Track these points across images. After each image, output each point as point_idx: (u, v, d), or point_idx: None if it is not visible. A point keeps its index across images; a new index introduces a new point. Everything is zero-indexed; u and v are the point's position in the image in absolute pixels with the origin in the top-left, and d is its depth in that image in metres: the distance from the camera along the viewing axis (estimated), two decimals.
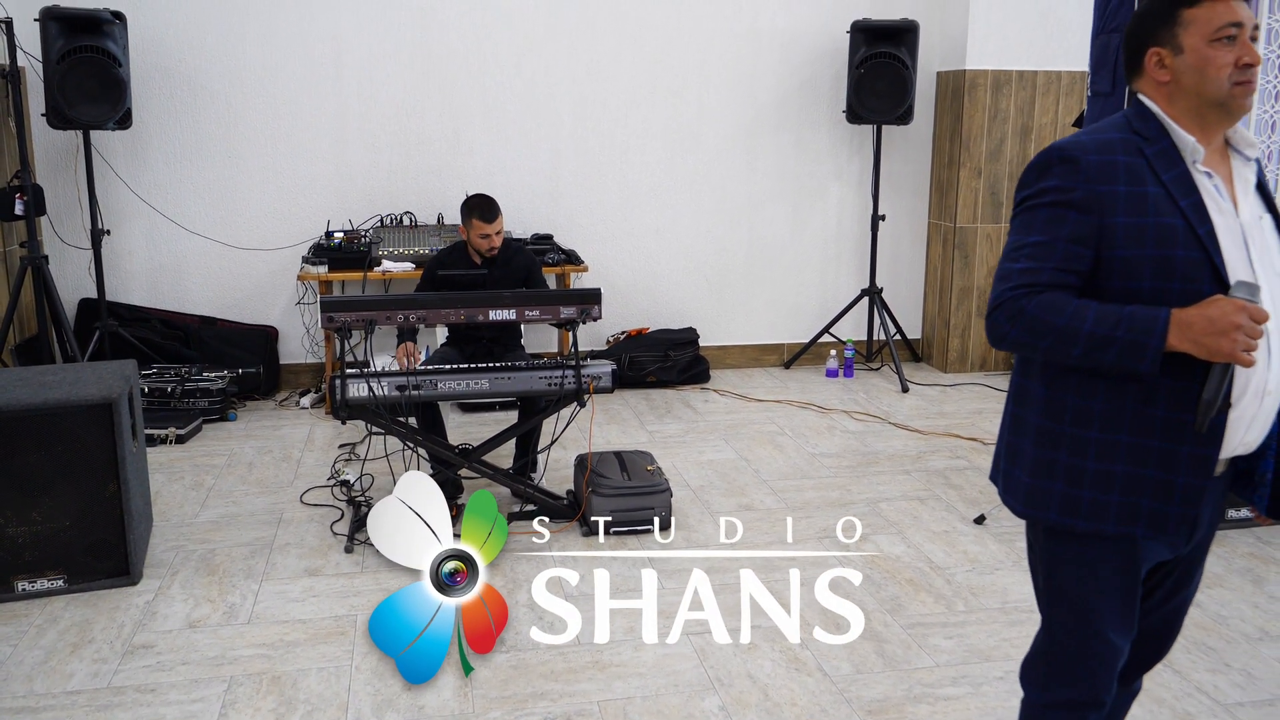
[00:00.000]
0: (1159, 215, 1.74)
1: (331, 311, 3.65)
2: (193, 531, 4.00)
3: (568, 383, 3.89)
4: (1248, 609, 3.41)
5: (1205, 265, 1.72)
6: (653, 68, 6.13)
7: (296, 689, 2.92)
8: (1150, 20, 1.83)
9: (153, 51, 5.54)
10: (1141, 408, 1.77)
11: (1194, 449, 1.75)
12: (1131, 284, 1.74)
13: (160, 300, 5.83)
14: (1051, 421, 1.85)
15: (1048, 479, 1.86)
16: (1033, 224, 1.79)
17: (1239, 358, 1.65)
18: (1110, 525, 1.82)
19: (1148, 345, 1.68)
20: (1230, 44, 1.75)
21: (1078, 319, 1.71)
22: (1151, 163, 1.77)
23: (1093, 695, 1.95)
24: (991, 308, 1.81)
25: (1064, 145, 1.80)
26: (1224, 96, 1.76)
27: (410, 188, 5.93)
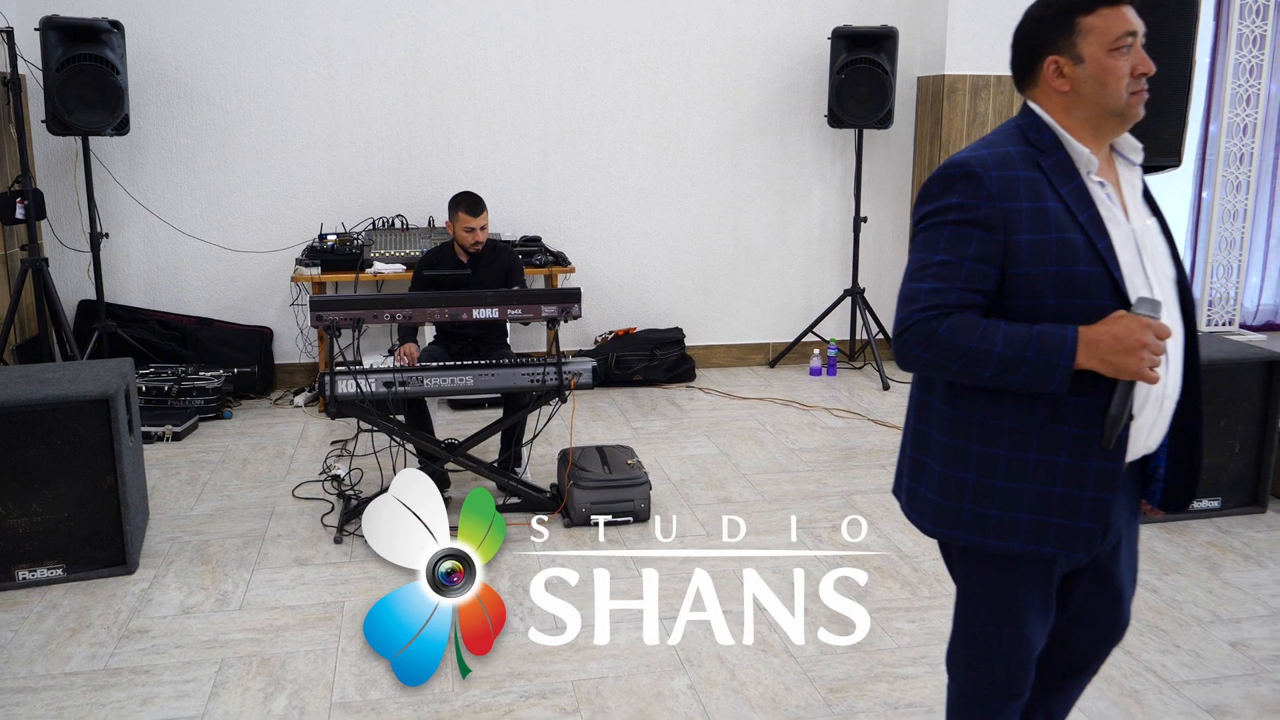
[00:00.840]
0: (1060, 231, 1.73)
1: (320, 310, 3.79)
2: (188, 524, 4.13)
3: (549, 379, 4.02)
4: (1202, 594, 3.54)
5: (1106, 280, 1.73)
6: (639, 73, 6.27)
7: (285, 670, 3.05)
8: (1046, 28, 1.80)
9: (150, 60, 5.69)
10: (1049, 424, 1.77)
11: (1101, 463, 1.77)
12: (1036, 302, 1.74)
13: (158, 302, 5.98)
14: (958, 440, 1.84)
15: (956, 499, 1.85)
16: (937, 242, 1.76)
17: (1146, 375, 1.67)
18: (1020, 544, 1.82)
19: (1057, 366, 1.68)
20: (1127, 53, 1.76)
21: (987, 341, 1.70)
22: (1049, 176, 1.76)
23: (1012, 688, 2.00)
24: (899, 330, 1.78)
25: (966, 161, 1.77)
26: (1122, 107, 1.78)
27: (401, 191, 6.08)
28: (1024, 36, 1.85)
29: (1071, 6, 1.78)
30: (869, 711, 2.86)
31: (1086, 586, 2.01)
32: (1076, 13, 1.77)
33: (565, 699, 2.91)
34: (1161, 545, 3.94)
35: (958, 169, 1.77)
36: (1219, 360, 4.11)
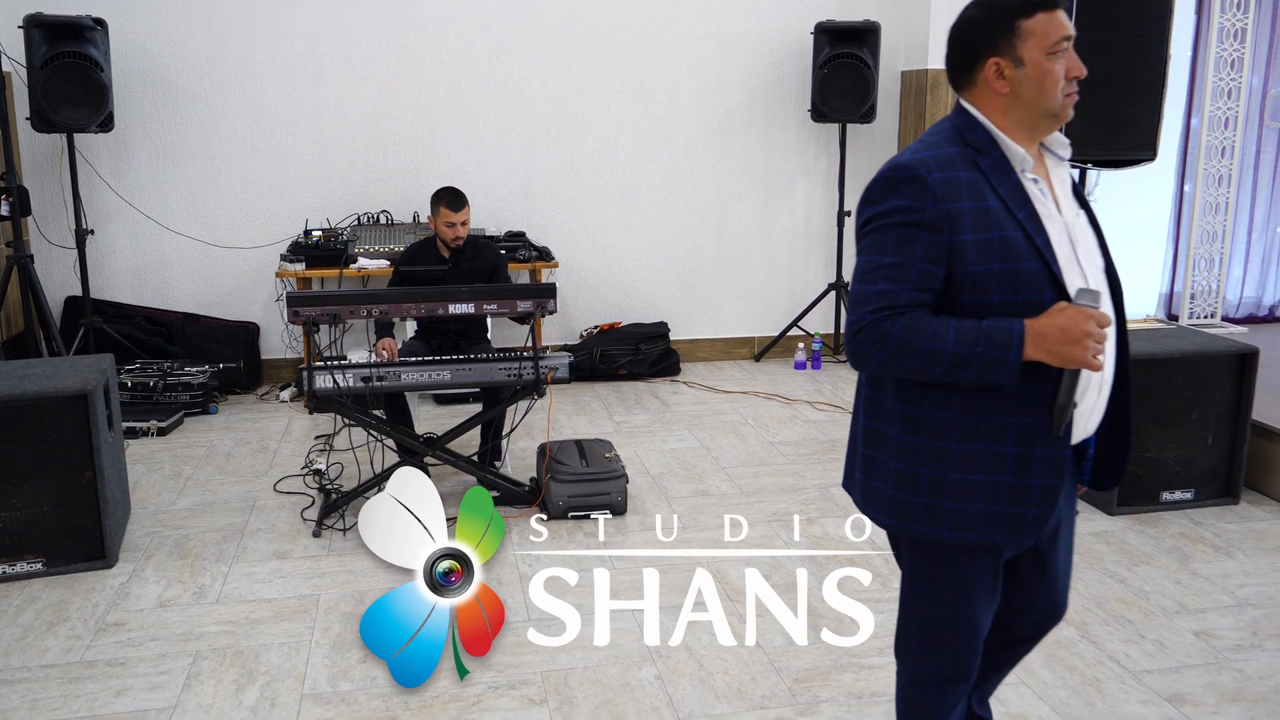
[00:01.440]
0: (1001, 229, 1.78)
1: (297, 306, 3.82)
2: (169, 518, 4.17)
3: (526, 373, 4.06)
4: (1170, 585, 3.58)
5: (1045, 275, 1.79)
6: (624, 69, 6.30)
7: (258, 662, 3.09)
8: (987, 30, 1.83)
9: (135, 56, 5.72)
10: (995, 416, 1.82)
11: (1046, 450, 1.82)
12: (982, 299, 1.79)
13: (145, 298, 6.01)
14: (910, 435, 1.89)
15: (911, 493, 1.90)
16: (885, 245, 1.80)
17: (1090, 363, 1.74)
18: (974, 534, 1.87)
19: (1007, 359, 1.74)
20: (1063, 57, 1.81)
21: (939, 339, 1.75)
22: (987, 175, 1.81)
23: (961, 672, 2.06)
24: (853, 332, 1.82)
25: (910, 163, 1.81)
26: (1058, 108, 1.83)
27: (387, 187, 6.10)
28: (963, 38, 1.88)
29: (1012, 10, 1.81)
30: (833, 701, 2.90)
31: (1027, 571, 2.07)
32: (1017, 16, 1.80)
33: (533, 690, 2.95)
34: (1133, 537, 3.97)
35: (902, 171, 1.80)
36: (1190, 353, 4.14)
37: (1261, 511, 4.21)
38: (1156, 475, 4.19)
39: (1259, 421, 4.32)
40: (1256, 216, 6.73)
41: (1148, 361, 4.08)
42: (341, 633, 3.26)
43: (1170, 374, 4.12)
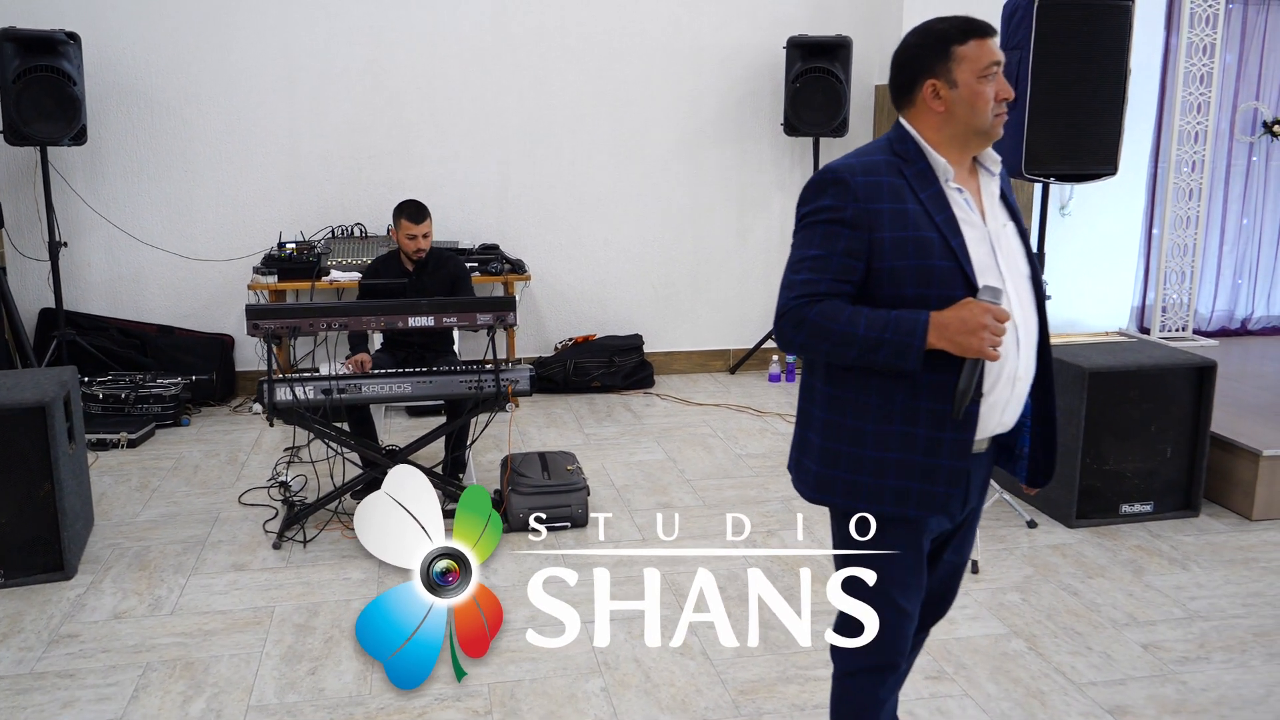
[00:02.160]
0: (918, 230, 1.95)
1: (256, 319, 3.84)
2: (131, 530, 4.18)
3: (487, 386, 4.08)
4: (1122, 597, 3.60)
5: (958, 273, 1.95)
6: (598, 82, 6.34)
7: (207, 674, 3.10)
8: (925, 54, 2.01)
9: (110, 70, 5.75)
10: (909, 400, 1.98)
11: (954, 435, 1.98)
12: (897, 291, 1.96)
13: (120, 310, 6.03)
14: (834, 415, 2.06)
15: (833, 468, 2.06)
16: (812, 239, 1.99)
17: (986, 353, 1.89)
18: (887, 507, 2.03)
19: (911, 346, 1.90)
20: (992, 80, 1.98)
21: (852, 325, 1.92)
22: (910, 182, 1.98)
23: (891, 660, 2.17)
24: (778, 316, 2.01)
25: (837, 168, 2.00)
26: (988, 126, 2.00)
27: (361, 200, 6.13)
28: (904, 62, 2.06)
29: (948, 37, 1.99)
30: (776, 713, 2.91)
31: (943, 552, 2.22)
32: (952, 43, 1.98)
33: (479, 701, 2.96)
34: (1090, 549, 3.99)
35: (829, 174, 2.00)
36: (1149, 366, 4.16)
37: (1220, 524, 4.23)
38: (1116, 488, 4.21)
39: (1218, 434, 4.34)
40: (1228, 230, 6.77)
41: (1106, 374, 4.10)
42: (293, 645, 3.27)
43: (1128, 387, 4.14)
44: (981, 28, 2.00)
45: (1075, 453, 4.13)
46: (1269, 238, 6.85)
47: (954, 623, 3.39)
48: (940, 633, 3.32)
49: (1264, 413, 4.72)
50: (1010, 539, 4.08)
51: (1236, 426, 4.45)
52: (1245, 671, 3.12)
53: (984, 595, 3.60)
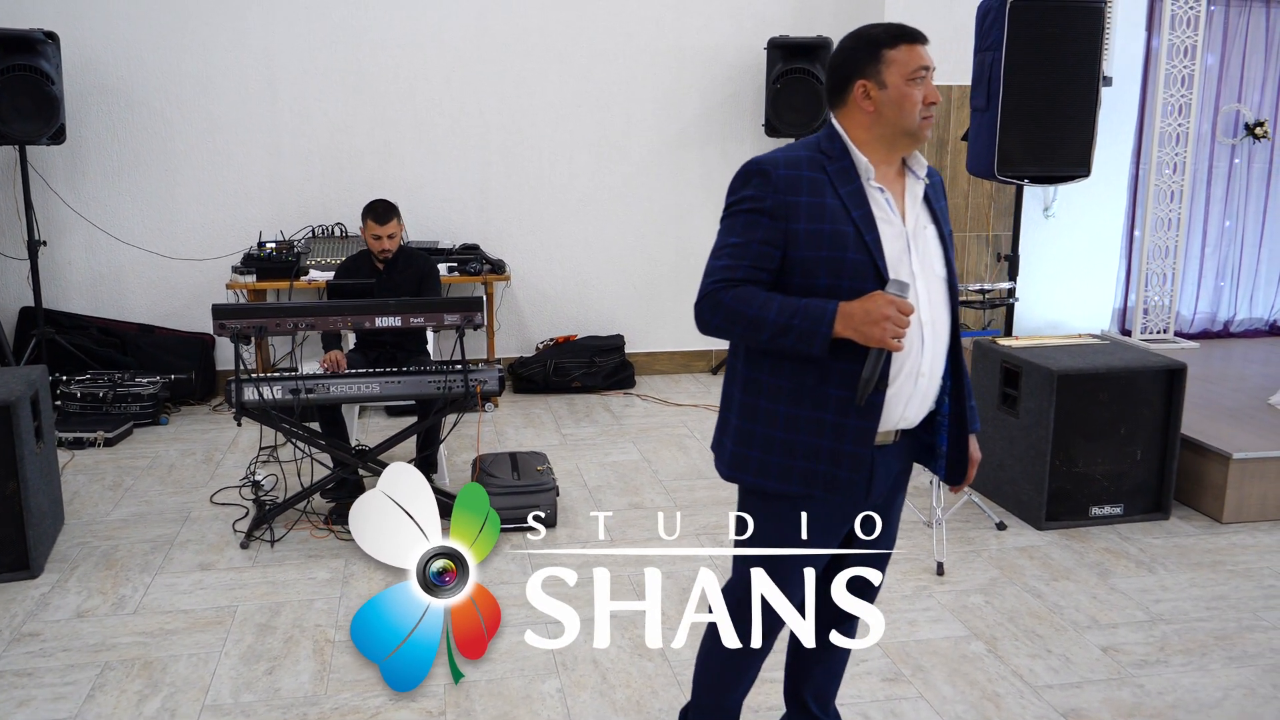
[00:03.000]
0: (834, 223, 2.04)
1: (223, 319, 3.85)
2: (101, 529, 4.19)
3: (455, 386, 4.08)
4: (1086, 599, 3.59)
5: (870, 267, 2.04)
6: (580, 83, 6.34)
7: (165, 673, 3.10)
8: (857, 57, 2.10)
9: (89, 69, 5.76)
10: (819, 385, 2.07)
11: (858, 422, 2.07)
12: (810, 281, 2.05)
13: (100, 309, 6.04)
14: (750, 397, 2.15)
15: (747, 447, 2.16)
16: (733, 228, 2.08)
17: (888, 343, 1.96)
18: (795, 487, 2.12)
19: (817, 332, 1.98)
20: (920, 84, 2.07)
21: (764, 309, 2.01)
22: (832, 178, 2.07)
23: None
24: (698, 299, 2.10)
25: (761, 160, 2.09)
26: (915, 128, 2.08)
27: (342, 199, 6.13)
28: (838, 64, 2.14)
29: (879, 41, 2.08)
30: None
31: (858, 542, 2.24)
32: (882, 46, 2.07)
33: (433, 702, 2.96)
34: (1058, 552, 3.99)
35: (753, 166, 2.09)
36: (1119, 368, 4.16)
37: (1190, 527, 4.23)
38: (1085, 490, 4.21)
39: (1189, 437, 4.34)
40: (1210, 232, 6.76)
41: (1075, 376, 4.10)
42: (253, 644, 3.27)
43: (1097, 389, 4.14)
44: (912, 34, 2.09)
45: (1045, 455, 4.12)
46: (1251, 240, 6.85)
47: (915, 624, 3.39)
48: (900, 634, 3.32)
49: (1237, 415, 4.71)
50: (978, 541, 4.08)
51: (1208, 429, 4.45)
52: (1203, 675, 3.12)
53: (947, 598, 3.59)
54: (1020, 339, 4.57)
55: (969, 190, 6.46)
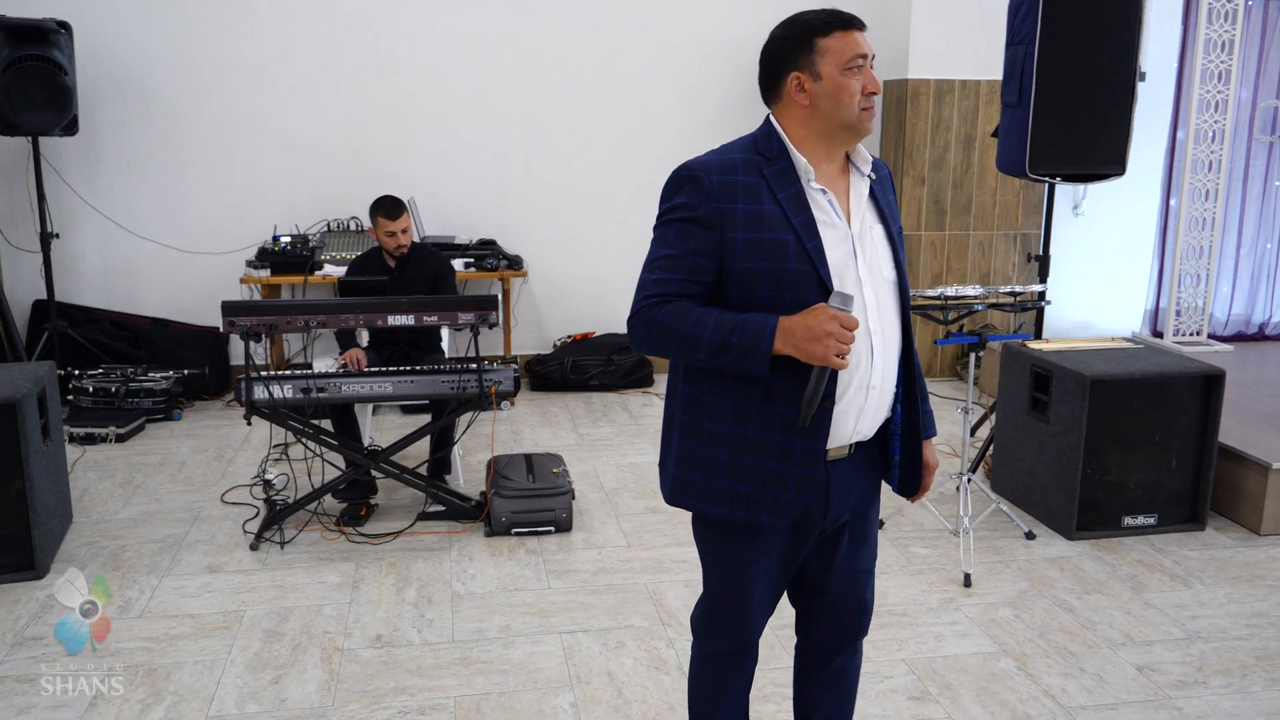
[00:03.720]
0: (773, 231, 1.89)
1: (233, 316, 3.76)
2: (110, 528, 4.12)
3: (469, 386, 3.98)
4: (1119, 615, 3.46)
5: (812, 277, 1.89)
6: (599, 77, 6.22)
7: (169, 681, 3.02)
8: (790, 47, 1.95)
9: (102, 60, 5.68)
10: (763, 405, 1.93)
11: (805, 443, 1.93)
12: (749, 294, 1.91)
13: (113, 302, 5.98)
14: (692, 416, 2.01)
15: (690, 469, 2.02)
16: (666, 238, 1.95)
17: (831, 361, 1.83)
18: (740, 513, 1.98)
19: (757, 350, 1.85)
20: (858, 73, 1.92)
21: (700, 326, 1.88)
22: (769, 182, 1.92)
23: (742, 644, 2.18)
24: (630, 315, 1.97)
25: (692, 166, 1.95)
26: (854, 121, 1.94)
27: (357, 193, 6.03)
28: (771, 54, 2.00)
29: (812, 29, 1.93)
30: None
31: (820, 568, 2.15)
32: (815, 35, 1.93)
33: (444, 715, 2.86)
34: (1089, 563, 3.86)
35: (685, 172, 1.95)
36: (1153, 374, 4.02)
37: (1226, 538, 4.09)
38: (1118, 499, 4.08)
39: (1227, 445, 4.20)
40: (1245, 232, 6.59)
41: (1108, 382, 3.97)
42: (260, 651, 3.19)
43: (1131, 395, 4.01)
44: (847, 19, 1.94)
45: (1076, 462, 3.99)
46: None
47: (941, 639, 3.28)
48: (926, 650, 3.21)
49: (1275, 422, 4.57)
50: (1006, 551, 3.95)
51: (1246, 437, 4.31)
52: (1244, 697, 2.99)
53: (975, 610, 3.47)
54: (1051, 342, 4.44)
55: (996, 187, 6.32)
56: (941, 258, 6.36)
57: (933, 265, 6.36)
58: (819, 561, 2.14)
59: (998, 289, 3.87)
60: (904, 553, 3.92)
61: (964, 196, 6.31)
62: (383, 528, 4.10)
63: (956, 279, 6.35)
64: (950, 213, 6.31)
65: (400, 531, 4.05)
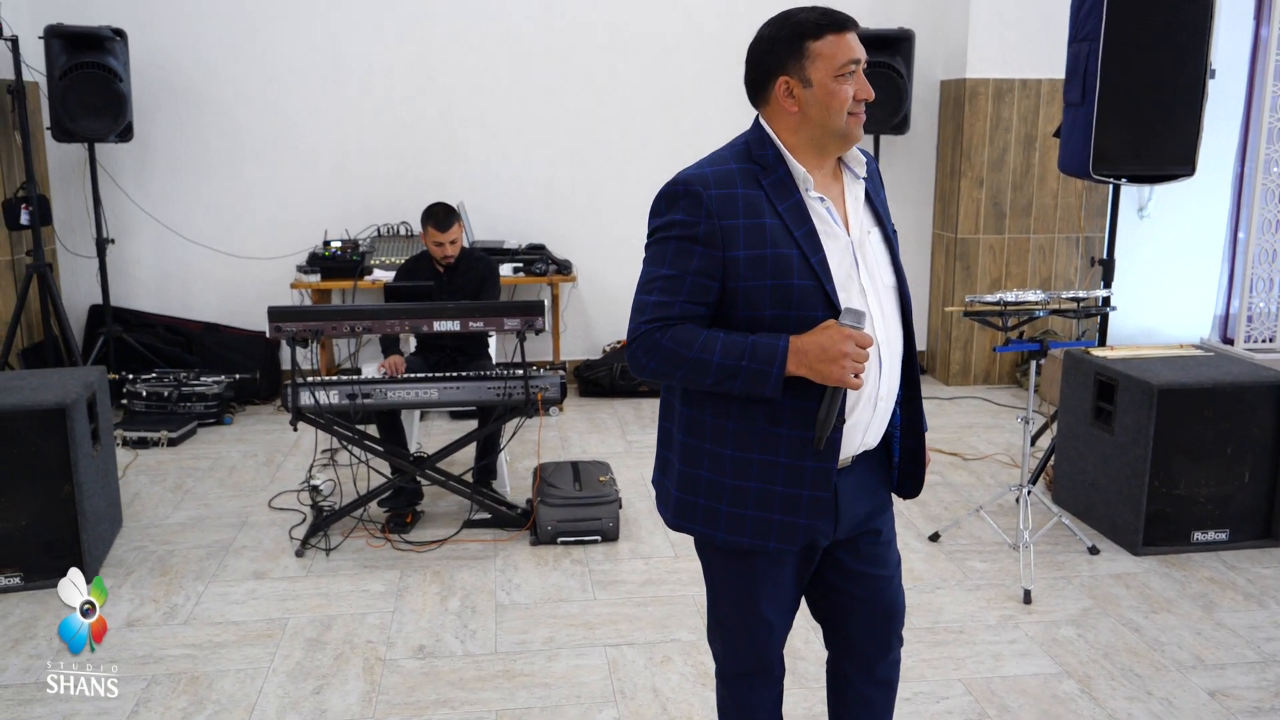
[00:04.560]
0: (776, 247, 1.80)
1: (279, 321, 3.75)
2: (159, 533, 4.13)
3: (515, 393, 3.93)
4: (1189, 636, 3.31)
5: (819, 293, 1.80)
6: (651, 79, 6.16)
7: (211, 689, 3.00)
8: (779, 49, 1.85)
9: (159, 67, 5.74)
10: (769, 427, 1.85)
11: (816, 464, 1.85)
12: (754, 313, 1.82)
13: (168, 307, 6.03)
14: (693, 439, 1.93)
15: (692, 494, 1.94)
16: (663, 257, 1.84)
17: (848, 382, 1.76)
18: (746, 539, 1.91)
19: (769, 374, 1.77)
20: (850, 79, 1.82)
21: (707, 351, 1.79)
22: (768, 193, 1.83)
23: (760, 665, 2.10)
24: (630, 340, 1.87)
25: (688, 179, 1.84)
26: (843, 129, 1.84)
27: (408, 198, 6.03)
28: (758, 56, 1.90)
29: (801, 32, 1.83)
30: None
31: (840, 576, 2.06)
32: (806, 38, 1.82)
33: None
34: (1157, 580, 3.70)
35: (680, 187, 1.84)
36: (1225, 383, 3.85)
37: None
38: (1187, 514, 3.91)
39: None
40: None
41: (1178, 392, 3.81)
42: (302, 660, 3.16)
43: (1202, 405, 3.84)
44: (840, 21, 1.83)
45: (1142, 475, 3.83)
46: None
47: (1000, 659, 3.15)
48: (984, 670, 3.08)
49: None
50: (1069, 566, 3.81)
51: None
52: None
53: (1036, 629, 3.34)
54: (1116, 349, 4.28)
55: (1058, 189, 6.14)
56: (1000, 262, 6.19)
57: (991, 270, 6.19)
58: (836, 571, 2.05)
59: (1059, 294, 3.73)
60: (961, 567, 3.79)
61: (1024, 198, 6.14)
62: (428, 535, 4.06)
63: (1016, 284, 6.18)
64: (1010, 215, 6.15)
65: (445, 539, 4.01)
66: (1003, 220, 6.15)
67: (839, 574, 2.05)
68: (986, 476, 4.73)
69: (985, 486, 4.59)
